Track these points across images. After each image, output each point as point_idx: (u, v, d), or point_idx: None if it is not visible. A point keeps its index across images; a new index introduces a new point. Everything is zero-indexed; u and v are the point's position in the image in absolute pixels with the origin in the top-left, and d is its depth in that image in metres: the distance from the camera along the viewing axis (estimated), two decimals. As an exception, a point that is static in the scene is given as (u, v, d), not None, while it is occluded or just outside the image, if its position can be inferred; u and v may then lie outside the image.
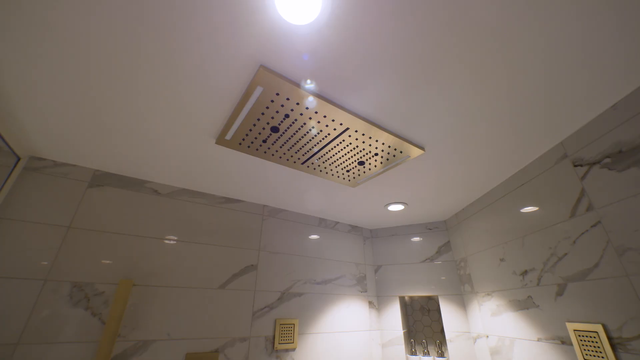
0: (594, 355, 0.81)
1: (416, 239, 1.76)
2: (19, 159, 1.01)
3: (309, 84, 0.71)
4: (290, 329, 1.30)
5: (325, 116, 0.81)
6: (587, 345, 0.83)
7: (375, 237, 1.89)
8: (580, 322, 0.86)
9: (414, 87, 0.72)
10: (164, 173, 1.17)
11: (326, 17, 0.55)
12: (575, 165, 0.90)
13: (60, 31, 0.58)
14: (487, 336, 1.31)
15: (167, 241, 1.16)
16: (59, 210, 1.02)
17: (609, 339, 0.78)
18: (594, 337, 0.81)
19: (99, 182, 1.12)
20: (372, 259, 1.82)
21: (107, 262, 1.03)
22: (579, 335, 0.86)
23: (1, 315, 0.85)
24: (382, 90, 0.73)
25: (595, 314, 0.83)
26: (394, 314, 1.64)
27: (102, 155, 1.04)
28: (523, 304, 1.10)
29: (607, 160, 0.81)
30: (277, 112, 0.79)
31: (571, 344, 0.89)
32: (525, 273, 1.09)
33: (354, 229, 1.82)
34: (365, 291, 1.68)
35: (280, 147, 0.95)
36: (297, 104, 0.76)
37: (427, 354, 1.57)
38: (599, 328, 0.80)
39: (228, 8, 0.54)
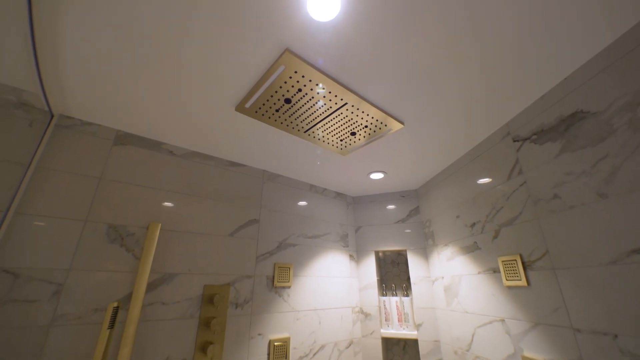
0: (513, 276, 1.15)
1: (391, 206, 2.06)
2: (52, 117, 1.13)
3: (322, 66, 0.91)
4: (286, 271, 1.56)
5: (330, 92, 1.02)
6: (509, 270, 1.17)
7: (357, 203, 2.17)
8: (506, 255, 1.19)
9: (401, 78, 0.95)
10: (180, 136, 1.32)
11: (341, 17, 0.75)
12: (514, 141, 1.20)
13: None
14: (443, 277, 1.65)
15: (183, 195, 1.34)
16: (90, 163, 1.16)
17: (523, 263, 1.12)
18: (514, 264, 1.15)
19: (122, 142, 1.26)
20: (354, 221, 2.10)
21: (135, 209, 1.20)
22: (504, 264, 1.19)
23: (55, 247, 1.01)
24: (378, 79, 0.95)
25: (516, 247, 1.15)
26: (369, 265, 1.96)
27: (124, 116, 1.18)
28: (470, 249, 1.43)
29: (534, 136, 1.10)
30: (292, 86, 0.99)
31: (499, 272, 1.23)
32: (473, 225, 1.42)
33: (339, 195, 2.08)
34: (347, 246, 1.97)
35: (290, 116, 1.15)
36: (310, 80, 0.96)
37: (395, 295, 1.92)
38: (517, 257, 1.13)
39: (265, 1, 0.72)
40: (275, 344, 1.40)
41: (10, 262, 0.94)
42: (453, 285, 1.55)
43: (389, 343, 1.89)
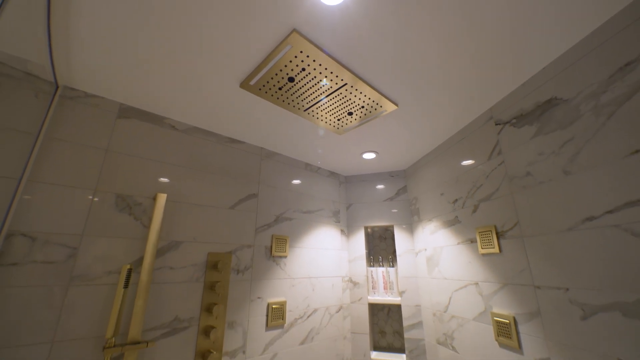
0: (487, 245, 1.30)
1: (380, 185, 2.18)
2: (57, 88, 1.14)
3: (326, 48, 0.97)
4: (283, 242, 1.67)
5: (332, 72, 1.08)
6: (484, 240, 1.32)
7: (349, 182, 2.28)
8: (483, 227, 1.34)
9: (398, 63, 1.02)
10: (182, 111, 1.36)
11: (349, 2, 0.81)
12: (496, 124, 1.31)
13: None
14: (426, 249, 1.81)
15: (186, 169, 1.40)
16: (96, 135, 1.19)
17: (497, 233, 1.26)
18: (489, 234, 1.29)
19: (126, 115, 1.29)
20: (345, 199, 2.22)
21: (141, 180, 1.26)
22: (481, 235, 1.34)
23: (68, 213, 1.07)
24: (378, 62, 1.02)
25: (491, 219, 1.30)
26: (359, 240, 2.10)
27: (128, 89, 1.21)
28: (451, 222, 1.58)
29: (514, 120, 1.22)
30: (297, 65, 1.05)
31: (476, 242, 1.38)
32: (455, 201, 1.55)
33: (333, 174, 2.18)
34: (339, 222, 2.10)
35: (292, 94, 1.21)
36: (314, 61, 1.02)
37: (381, 265, 2.08)
38: (492, 228, 1.28)
39: (283, -13, 0.77)
40: (273, 306, 1.53)
41: (27, 226, 0.99)
42: (435, 255, 1.71)
43: (374, 308, 2.07)
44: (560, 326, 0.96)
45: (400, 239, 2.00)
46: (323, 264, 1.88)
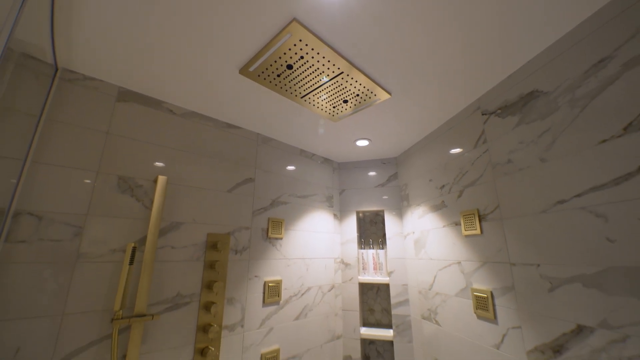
0: (470, 227, 1.40)
1: (372, 172, 2.26)
2: (57, 70, 1.15)
3: (325, 37, 1.01)
4: (279, 225, 1.74)
5: (329, 61, 1.13)
6: (467, 222, 1.42)
7: (342, 168, 2.34)
8: (467, 210, 1.44)
9: (392, 53, 1.07)
10: (180, 95, 1.38)
11: (347, -6, 0.85)
12: (483, 114, 1.39)
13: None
14: (414, 232, 1.92)
15: (185, 153, 1.43)
16: (97, 118, 1.21)
17: (479, 216, 1.36)
18: (472, 217, 1.39)
19: (125, 98, 1.30)
20: (338, 185, 2.30)
21: (141, 163, 1.29)
22: (465, 218, 1.44)
23: (72, 194, 1.10)
24: (373, 51, 1.07)
25: (475, 204, 1.39)
26: (351, 224, 2.19)
27: (126, 72, 1.22)
28: (438, 207, 1.67)
29: (499, 111, 1.29)
30: (296, 53, 1.09)
31: (460, 224, 1.48)
32: (443, 187, 1.65)
33: (326, 160, 2.24)
34: (332, 206, 2.18)
35: (289, 81, 1.25)
36: (312, 49, 1.06)
37: (372, 248, 2.19)
38: (475, 211, 1.38)
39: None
40: (270, 284, 1.61)
41: (33, 206, 1.03)
42: (422, 238, 1.82)
43: (364, 288, 2.19)
44: (531, 298, 1.08)
45: (390, 223, 2.10)
46: (316, 246, 1.97)
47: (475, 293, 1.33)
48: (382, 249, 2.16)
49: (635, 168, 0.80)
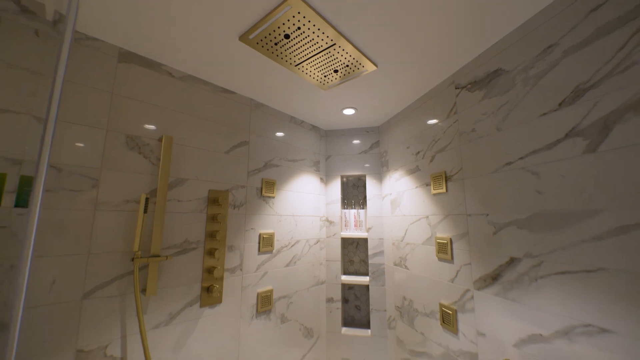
0: (438, 187, 1.64)
1: (357, 140, 2.44)
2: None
3: (322, 11, 1.12)
4: (272, 185, 1.91)
5: (323, 32, 1.24)
6: (436, 183, 1.66)
7: (329, 136, 2.50)
8: (436, 172, 1.67)
9: (381, 27, 1.20)
10: (180, 58, 1.44)
11: (343, -27, 0.96)
12: (456, 88, 1.57)
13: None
14: (391, 194, 2.17)
15: (185, 115, 1.53)
16: (101, 78, 1.27)
17: (446, 177, 1.60)
18: (440, 178, 1.63)
19: (126, 59, 1.36)
20: (325, 151, 2.47)
21: (146, 123, 1.38)
22: (434, 179, 1.67)
23: (86, 150, 1.20)
24: (362, 22, 1.19)
25: (443, 167, 1.63)
26: (335, 187, 2.41)
27: (127, 33, 1.27)
28: (413, 171, 1.91)
29: (469, 86, 1.48)
30: (293, 24, 1.19)
31: (430, 185, 1.72)
32: (418, 153, 1.87)
33: (314, 128, 2.38)
34: (319, 171, 2.37)
35: (285, 50, 1.36)
36: (309, 21, 1.17)
37: (353, 208, 2.44)
38: (442, 173, 1.61)
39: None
40: (264, 236, 1.82)
41: (53, 159, 1.13)
42: (398, 198, 2.07)
43: (346, 242, 2.47)
44: (479, 240, 1.35)
45: (371, 186, 2.33)
46: (304, 205, 2.18)
47: (438, 240, 1.61)
48: (363, 208, 2.42)
49: (563, 135, 1.03)
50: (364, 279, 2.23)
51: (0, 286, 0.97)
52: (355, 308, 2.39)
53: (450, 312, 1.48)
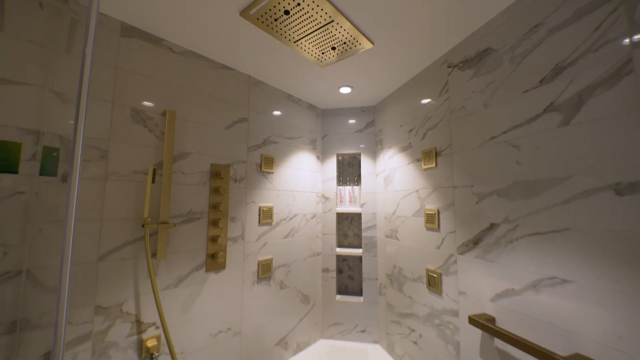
0: (428, 162, 1.74)
1: (352, 119, 2.51)
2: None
3: (320, -13, 1.16)
4: (270, 161, 1.99)
5: (322, 9, 1.28)
6: (426, 159, 1.76)
7: (325, 115, 2.56)
8: (427, 148, 1.77)
9: (376, 5, 1.24)
10: (180, 34, 1.47)
11: (342, -50, 1.00)
12: (448, 67, 1.64)
13: None
14: (384, 170, 2.27)
15: (186, 90, 1.57)
16: (105, 51, 1.31)
17: (436, 153, 1.70)
18: (431, 154, 1.73)
19: (128, 34, 1.38)
20: (321, 130, 2.53)
21: (150, 97, 1.43)
22: (425, 155, 1.77)
23: (95, 122, 1.26)
24: (361, 1, 1.24)
25: (434, 143, 1.72)
26: (331, 164, 2.50)
27: (128, 6, 1.29)
28: (405, 148, 2.00)
29: (461, 64, 1.55)
30: (294, 0, 1.23)
31: (421, 160, 1.82)
32: (411, 131, 1.95)
33: (311, 107, 2.43)
34: (315, 149, 2.44)
35: (285, 26, 1.40)
36: (308, -2, 1.21)
37: (348, 184, 2.55)
38: (433, 149, 1.71)
39: None
40: (264, 209, 1.92)
41: (62, 130, 1.18)
42: (390, 175, 2.17)
43: (341, 217, 2.60)
44: (464, 210, 1.47)
45: (365, 164, 2.43)
46: (302, 181, 2.27)
47: (426, 212, 1.73)
48: (357, 185, 2.52)
49: (541, 111, 1.12)
50: (357, 251, 2.37)
51: (29, 249, 1.05)
52: (348, 278, 2.55)
53: (436, 275, 1.63)
